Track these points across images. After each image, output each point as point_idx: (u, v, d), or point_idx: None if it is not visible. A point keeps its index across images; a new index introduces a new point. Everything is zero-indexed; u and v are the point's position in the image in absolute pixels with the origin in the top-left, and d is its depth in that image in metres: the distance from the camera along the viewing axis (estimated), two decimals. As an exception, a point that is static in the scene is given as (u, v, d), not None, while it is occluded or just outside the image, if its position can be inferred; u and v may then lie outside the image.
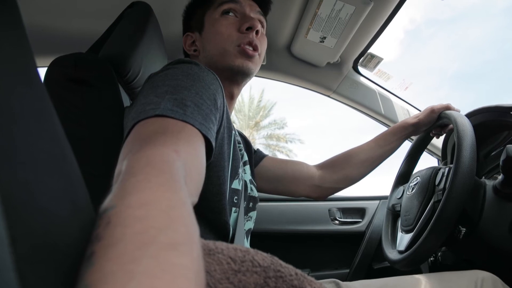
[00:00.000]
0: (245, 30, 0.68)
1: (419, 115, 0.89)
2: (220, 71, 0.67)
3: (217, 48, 0.68)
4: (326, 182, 0.89)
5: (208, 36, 0.70)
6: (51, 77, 0.59)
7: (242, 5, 0.70)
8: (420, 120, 0.87)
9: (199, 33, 0.72)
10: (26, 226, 0.18)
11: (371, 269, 1.23)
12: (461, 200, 0.61)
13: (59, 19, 0.94)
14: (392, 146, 0.89)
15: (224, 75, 0.68)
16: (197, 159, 0.40)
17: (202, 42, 0.71)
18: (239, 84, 0.72)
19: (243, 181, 0.67)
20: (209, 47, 0.69)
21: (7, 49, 0.21)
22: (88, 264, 0.20)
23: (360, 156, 0.89)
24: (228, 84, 0.71)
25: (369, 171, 0.91)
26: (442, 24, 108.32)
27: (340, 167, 0.90)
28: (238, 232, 0.61)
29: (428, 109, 0.87)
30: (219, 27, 0.68)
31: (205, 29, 0.71)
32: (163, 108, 0.41)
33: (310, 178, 0.89)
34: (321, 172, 0.91)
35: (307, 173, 0.89)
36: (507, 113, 0.76)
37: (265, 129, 17.36)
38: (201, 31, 0.72)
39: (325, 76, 1.23)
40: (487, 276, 0.61)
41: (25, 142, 0.20)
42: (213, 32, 0.69)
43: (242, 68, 0.67)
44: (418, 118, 0.88)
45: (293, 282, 0.32)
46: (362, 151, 0.90)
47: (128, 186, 0.26)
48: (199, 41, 0.72)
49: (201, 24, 0.72)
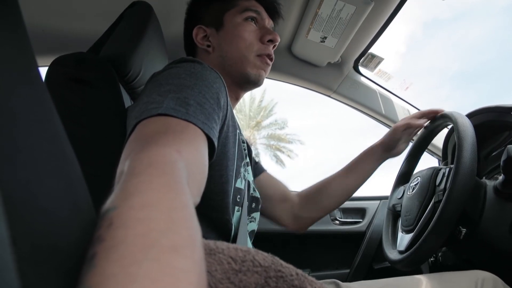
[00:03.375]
0: (267, 41, 0.70)
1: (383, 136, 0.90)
2: (232, 75, 0.70)
3: (237, 52, 0.69)
4: (305, 213, 0.88)
5: (228, 37, 0.70)
6: (52, 77, 0.59)
7: (263, 18, 0.74)
8: (383, 141, 0.88)
9: (215, 29, 0.72)
10: (27, 226, 0.18)
11: (372, 269, 1.23)
12: (462, 200, 0.61)
13: (60, 19, 0.94)
14: (365, 171, 0.88)
15: (235, 80, 0.70)
16: (200, 159, 0.40)
17: (219, 40, 0.71)
18: (246, 90, 0.75)
19: (246, 181, 0.66)
20: (228, 48, 0.70)
21: (8, 49, 0.21)
22: (90, 266, 0.20)
23: (333, 187, 0.88)
24: (235, 88, 0.72)
25: (346, 199, 0.90)
26: (443, 23, 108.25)
27: (315, 200, 0.89)
28: (241, 231, 0.61)
29: (392, 128, 0.89)
30: (242, 32, 0.69)
31: (224, 28, 0.71)
32: (165, 107, 0.41)
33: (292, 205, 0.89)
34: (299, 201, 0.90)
35: (291, 199, 0.89)
36: (508, 113, 0.76)
37: (265, 129, 17.37)
38: (218, 28, 0.72)
39: (326, 76, 1.23)
40: (487, 276, 0.61)
41: (26, 142, 0.20)
42: (235, 34, 0.70)
43: (257, 79, 0.70)
44: (382, 139, 0.89)
45: (293, 282, 0.32)
46: (335, 182, 0.88)
47: (130, 187, 0.26)
48: (215, 38, 0.72)
49: (219, 22, 0.71)
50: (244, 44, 0.69)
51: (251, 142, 15.66)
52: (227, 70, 0.70)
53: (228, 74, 0.70)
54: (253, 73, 0.70)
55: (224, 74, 0.69)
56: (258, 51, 0.70)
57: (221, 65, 0.70)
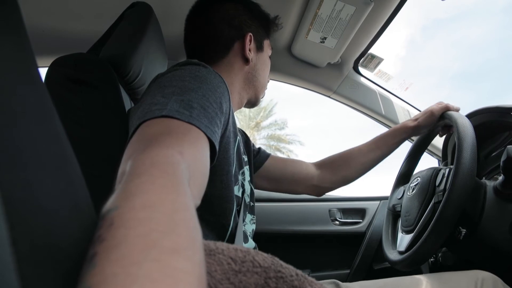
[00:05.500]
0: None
1: (418, 117, 0.89)
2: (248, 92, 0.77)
3: (263, 79, 0.78)
4: (325, 183, 0.91)
5: (263, 63, 0.78)
6: (52, 77, 0.59)
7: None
8: (419, 123, 0.87)
9: (256, 48, 0.75)
10: (27, 226, 0.18)
11: (372, 269, 1.23)
12: (462, 201, 0.61)
13: (60, 19, 0.94)
14: (390, 148, 0.90)
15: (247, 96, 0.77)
16: (201, 162, 0.40)
17: (257, 60, 0.76)
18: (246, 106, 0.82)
19: (242, 188, 0.68)
20: (259, 71, 0.76)
21: (8, 49, 0.21)
22: (90, 266, 0.20)
23: (359, 158, 0.89)
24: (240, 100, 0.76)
25: (366, 172, 0.92)
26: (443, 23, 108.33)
27: (339, 168, 0.91)
28: (237, 236, 0.61)
29: (428, 111, 0.87)
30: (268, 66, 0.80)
31: (263, 53, 0.77)
32: (169, 109, 0.41)
33: (310, 178, 0.90)
34: (320, 172, 0.91)
35: (306, 173, 0.90)
36: (508, 113, 0.76)
37: (265, 130, 17.37)
38: (259, 50, 0.76)
39: (326, 77, 1.23)
40: (487, 276, 0.61)
41: (26, 143, 0.20)
42: (266, 65, 0.79)
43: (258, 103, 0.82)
44: (417, 121, 0.88)
45: (293, 283, 0.32)
46: (361, 152, 0.90)
47: (132, 187, 0.26)
48: (255, 56, 0.75)
49: (261, 46, 0.77)
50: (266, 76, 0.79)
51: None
52: (248, 86, 0.75)
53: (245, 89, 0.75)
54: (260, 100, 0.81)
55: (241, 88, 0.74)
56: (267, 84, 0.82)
57: (247, 80, 0.74)
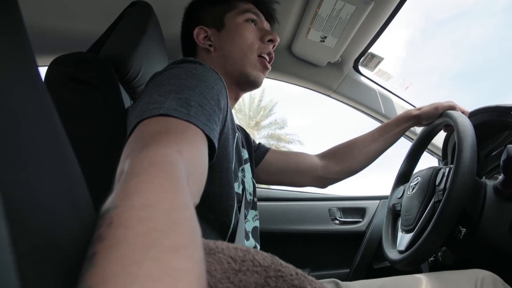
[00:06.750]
0: (267, 41, 0.72)
1: (422, 107, 0.89)
2: (232, 74, 0.71)
3: (239, 51, 0.71)
4: (329, 173, 0.90)
5: (230, 36, 0.72)
6: (52, 77, 0.59)
7: (262, 20, 0.76)
8: (422, 113, 0.87)
9: (216, 30, 0.73)
10: (27, 225, 0.18)
11: (371, 268, 1.23)
12: (462, 200, 0.61)
13: (60, 19, 0.94)
14: (394, 137, 0.90)
15: (235, 79, 0.72)
16: (200, 160, 0.40)
17: (220, 40, 0.72)
18: (245, 91, 0.76)
19: (242, 185, 0.67)
20: (229, 47, 0.71)
21: (8, 49, 0.21)
22: (90, 265, 0.20)
23: (363, 147, 0.89)
24: (235, 88, 0.73)
25: (371, 163, 0.91)
26: (443, 23, 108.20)
27: (343, 158, 0.90)
28: (239, 233, 0.61)
29: (434, 105, 0.87)
30: (244, 32, 0.72)
31: (226, 28, 0.73)
32: (167, 108, 0.41)
33: (313, 169, 0.90)
34: (324, 162, 0.91)
35: (310, 165, 0.90)
36: (508, 113, 0.76)
37: (265, 129, 17.36)
38: (220, 29, 0.73)
39: (326, 76, 1.23)
40: (487, 275, 0.61)
41: (26, 142, 0.20)
42: (237, 34, 0.71)
43: (256, 80, 0.73)
44: (421, 110, 0.88)
45: (293, 282, 0.32)
46: (365, 142, 0.90)
47: (131, 187, 0.26)
48: (216, 38, 0.73)
49: (220, 22, 0.73)
50: (246, 43, 0.71)
51: (251, 142, 15.56)
52: (228, 69, 0.71)
53: (228, 73, 0.71)
54: (253, 74, 0.72)
55: (224, 74, 0.70)
56: (259, 50, 0.72)
57: (222, 65, 0.71)
